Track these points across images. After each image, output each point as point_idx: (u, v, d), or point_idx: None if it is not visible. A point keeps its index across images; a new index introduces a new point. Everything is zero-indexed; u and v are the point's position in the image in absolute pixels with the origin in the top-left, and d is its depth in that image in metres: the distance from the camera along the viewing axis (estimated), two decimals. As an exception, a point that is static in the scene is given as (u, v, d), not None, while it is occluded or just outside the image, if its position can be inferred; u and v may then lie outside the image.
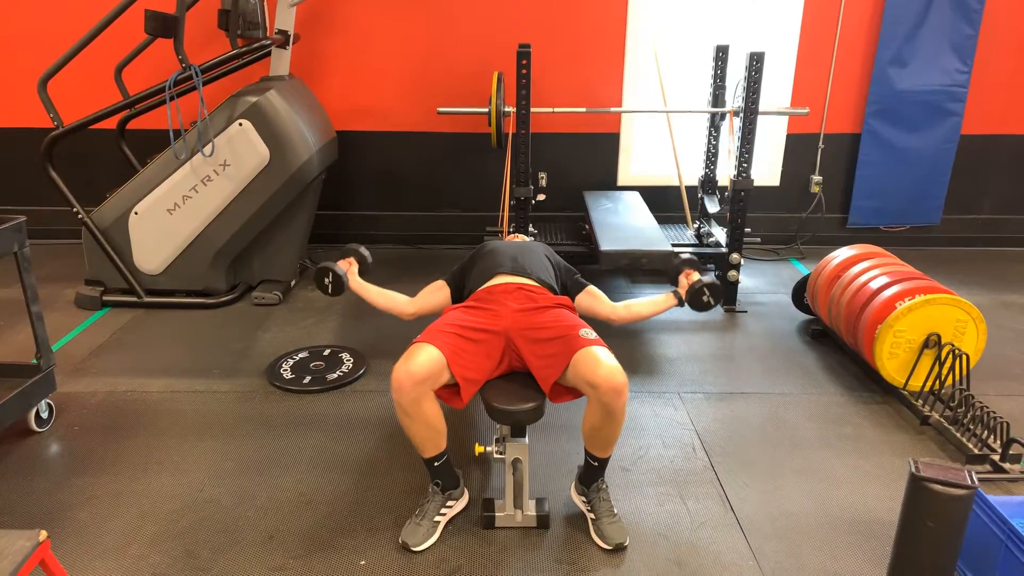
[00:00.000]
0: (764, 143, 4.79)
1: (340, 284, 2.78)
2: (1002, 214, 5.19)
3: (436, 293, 2.83)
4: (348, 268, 2.86)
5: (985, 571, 2.08)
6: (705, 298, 2.70)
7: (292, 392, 3.23)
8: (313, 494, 2.56)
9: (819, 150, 5.01)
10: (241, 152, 3.86)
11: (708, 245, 4.38)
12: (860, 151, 4.95)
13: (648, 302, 2.79)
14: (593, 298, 2.77)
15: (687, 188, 4.68)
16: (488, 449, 2.37)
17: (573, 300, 2.74)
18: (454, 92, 4.73)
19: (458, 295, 2.79)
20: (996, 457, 2.69)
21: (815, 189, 5.03)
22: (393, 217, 5.15)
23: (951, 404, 2.93)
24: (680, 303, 2.75)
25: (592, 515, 2.37)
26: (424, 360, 2.22)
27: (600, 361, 2.21)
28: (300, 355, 3.52)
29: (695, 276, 2.75)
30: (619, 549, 2.29)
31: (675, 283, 2.82)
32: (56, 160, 4.00)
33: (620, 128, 4.96)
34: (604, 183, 5.02)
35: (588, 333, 2.35)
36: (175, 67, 3.78)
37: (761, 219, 4.98)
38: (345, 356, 3.52)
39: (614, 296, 4.27)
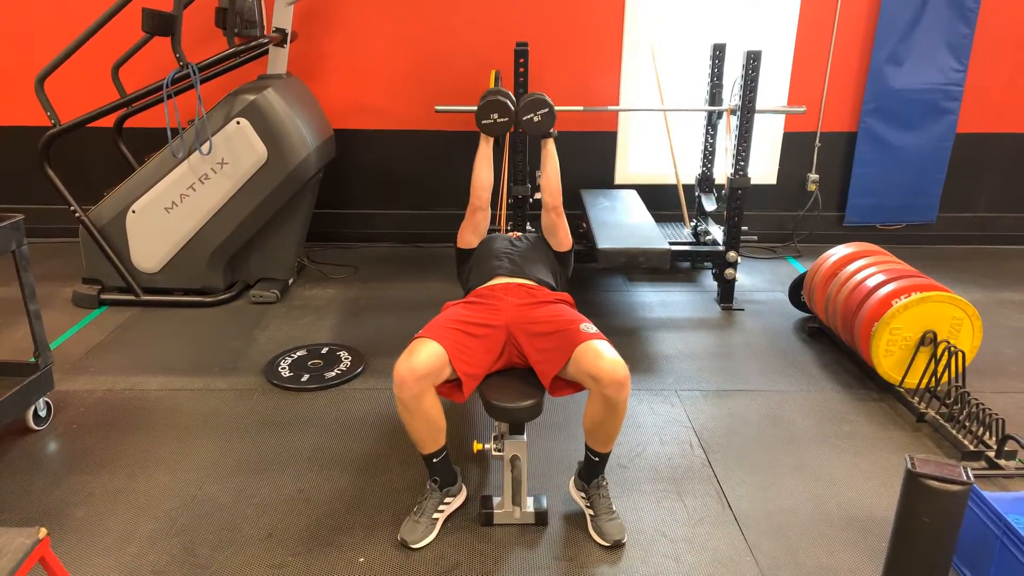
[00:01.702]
0: (761, 141, 4.79)
1: (506, 127, 2.71)
2: (998, 212, 5.21)
3: (482, 227, 2.86)
4: None
5: (981, 566, 2.09)
6: (535, 119, 2.71)
7: (290, 390, 3.23)
8: (311, 492, 2.56)
9: (816, 148, 5.02)
10: (239, 150, 3.86)
11: (705, 243, 4.39)
12: (856, 149, 4.96)
13: (543, 164, 2.81)
14: (542, 217, 2.83)
15: (684, 186, 4.69)
16: (486, 446, 2.37)
17: (550, 245, 2.84)
18: (452, 90, 4.73)
19: (467, 269, 2.82)
20: (991, 453, 2.70)
21: (812, 187, 5.05)
22: (390, 215, 5.15)
23: (947, 401, 2.94)
24: (543, 136, 2.78)
25: (591, 512, 2.38)
26: (426, 356, 2.22)
27: (602, 354, 2.22)
28: (298, 353, 3.53)
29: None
30: (617, 546, 2.30)
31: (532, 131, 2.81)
32: (53, 158, 3.99)
33: (617, 126, 4.97)
34: (601, 181, 5.02)
35: (589, 327, 2.36)
36: (172, 65, 3.77)
37: (758, 217, 4.99)
38: (343, 354, 3.52)
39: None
